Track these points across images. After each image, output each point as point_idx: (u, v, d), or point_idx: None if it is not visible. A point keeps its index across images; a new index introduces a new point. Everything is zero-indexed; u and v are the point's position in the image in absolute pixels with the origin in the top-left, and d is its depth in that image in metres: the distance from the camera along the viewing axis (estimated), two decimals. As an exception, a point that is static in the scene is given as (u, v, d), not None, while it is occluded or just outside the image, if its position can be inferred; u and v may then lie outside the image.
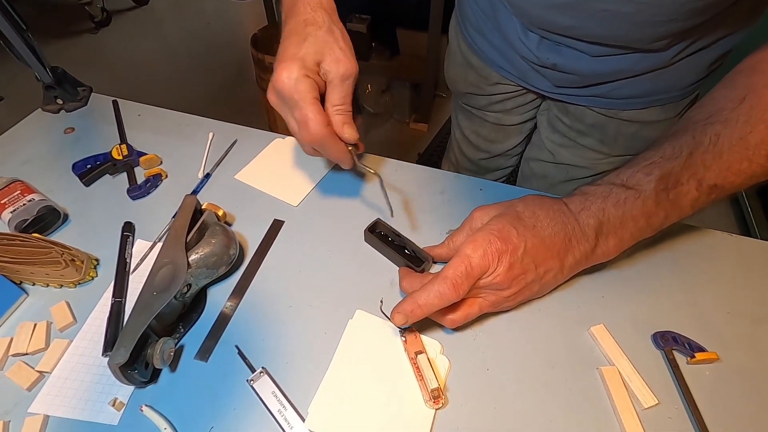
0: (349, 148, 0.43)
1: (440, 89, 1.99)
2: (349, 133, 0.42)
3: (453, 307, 0.40)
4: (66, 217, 0.53)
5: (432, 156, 1.81)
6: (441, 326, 0.43)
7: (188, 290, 0.43)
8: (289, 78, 0.39)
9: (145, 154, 0.59)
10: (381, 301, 0.44)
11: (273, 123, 1.73)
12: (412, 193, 0.56)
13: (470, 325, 0.44)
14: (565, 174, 0.72)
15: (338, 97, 0.41)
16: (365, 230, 0.50)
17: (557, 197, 0.43)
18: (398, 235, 0.49)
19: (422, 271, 0.46)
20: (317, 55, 0.40)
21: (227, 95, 2.14)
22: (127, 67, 2.32)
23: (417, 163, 0.60)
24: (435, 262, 0.47)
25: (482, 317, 0.44)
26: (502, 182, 0.91)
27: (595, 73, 0.53)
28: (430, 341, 0.42)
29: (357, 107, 0.44)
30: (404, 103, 1.97)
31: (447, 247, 0.46)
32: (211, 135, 0.63)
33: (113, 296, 0.45)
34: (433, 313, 0.39)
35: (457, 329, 0.43)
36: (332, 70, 0.40)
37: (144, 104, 0.68)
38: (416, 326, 0.43)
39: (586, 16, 0.46)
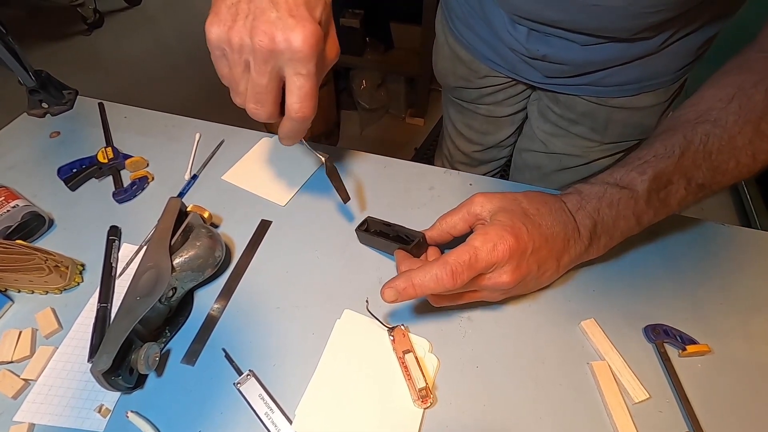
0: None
1: (435, 83, 1.96)
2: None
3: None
4: (51, 222, 0.52)
5: (429, 150, 1.80)
6: (430, 324, 0.43)
7: (174, 294, 0.43)
8: (316, 45, 0.32)
9: (131, 156, 0.58)
10: (367, 301, 0.43)
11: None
12: (400, 190, 0.55)
13: (459, 322, 0.43)
14: (558, 163, 0.72)
15: (322, 77, 0.38)
16: (356, 230, 0.48)
17: (556, 193, 0.42)
18: (389, 224, 0.47)
19: (414, 248, 0.43)
20: (326, 27, 0.35)
21: (222, 93, 2.12)
22: (120, 68, 2.30)
23: (414, 158, 0.59)
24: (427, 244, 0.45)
25: (472, 314, 0.43)
26: (497, 174, 0.91)
27: (585, 62, 0.53)
28: (419, 340, 0.42)
29: (352, 103, 0.43)
30: (400, 98, 1.95)
31: (438, 229, 0.43)
32: (197, 135, 0.62)
33: (99, 301, 0.45)
34: None
35: (446, 326, 0.43)
36: (330, 52, 0.37)
37: (130, 106, 0.67)
38: (405, 322, 0.42)
39: (576, 10, 0.45)
